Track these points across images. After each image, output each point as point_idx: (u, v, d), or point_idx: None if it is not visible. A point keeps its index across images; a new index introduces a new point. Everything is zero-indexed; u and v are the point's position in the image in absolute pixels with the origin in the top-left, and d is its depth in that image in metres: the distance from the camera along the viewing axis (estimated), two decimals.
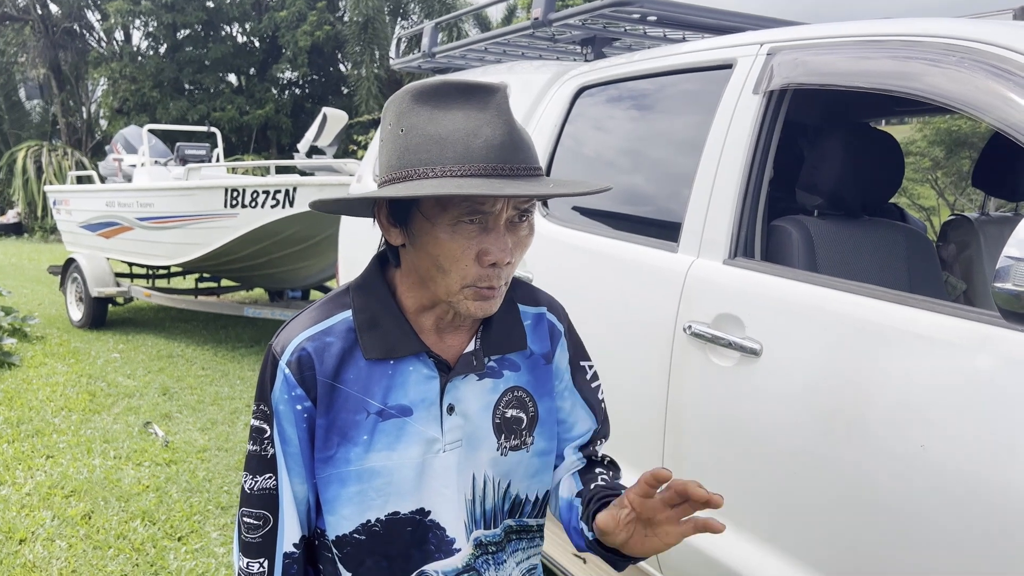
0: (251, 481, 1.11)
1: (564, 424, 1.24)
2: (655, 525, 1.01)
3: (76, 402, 5.10)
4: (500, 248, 0.99)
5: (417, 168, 0.97)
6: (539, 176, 1.01)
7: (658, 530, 1.01)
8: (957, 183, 10.09)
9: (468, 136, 0.96)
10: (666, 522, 1.00)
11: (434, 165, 0.96)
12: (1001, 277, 1.29)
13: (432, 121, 0.98)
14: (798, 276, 1.80)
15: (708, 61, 2.22)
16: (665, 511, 1.00)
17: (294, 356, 1.06)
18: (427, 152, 0.97)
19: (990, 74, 1.52)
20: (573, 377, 1.25)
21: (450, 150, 0.96)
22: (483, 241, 0.99)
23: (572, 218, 2.63)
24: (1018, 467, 1.32)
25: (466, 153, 0.96)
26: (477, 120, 0.97)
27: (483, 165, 0.95)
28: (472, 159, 0.95)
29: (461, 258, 0.99)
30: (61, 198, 8.49)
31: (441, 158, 0.96)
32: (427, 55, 3.78)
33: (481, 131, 0.96)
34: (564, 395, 1.24)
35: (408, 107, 1.00)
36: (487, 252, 0.99)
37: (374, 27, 19.15)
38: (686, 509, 0.99)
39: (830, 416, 1.63)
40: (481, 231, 0.99)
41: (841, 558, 1.62)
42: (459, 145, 0.96)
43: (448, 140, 0.96)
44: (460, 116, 0.97)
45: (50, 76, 20.81)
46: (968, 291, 2.53)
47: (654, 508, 1.00)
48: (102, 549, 3.16)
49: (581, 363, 1.26)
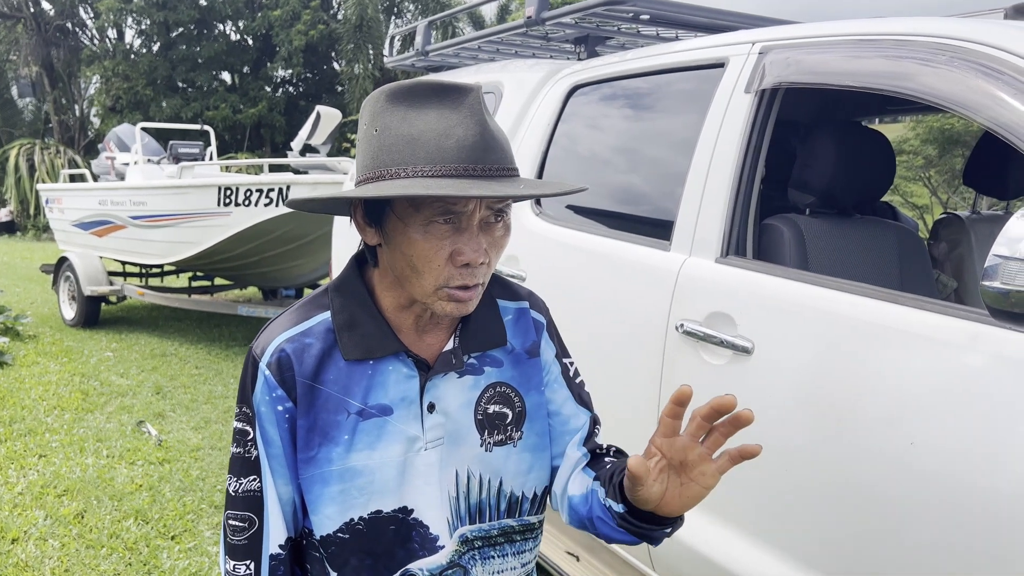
0: (235, 483, 1.11)
1: (559, 416, 1.22)
2: (689, 469, 0.97)
3: (69, 401, 5.09)
4: (473, 249, 0.99)
5: (389, 168, 0.97)
6: (513, 177, 1.00)
7: (693, 473, 0.97)
8: (950, 181, 10.12)
9: (440, 136, 0.96)
10: (699, 461, 0.96)
11: (406, 165, 0.96)
12: (989, 275, 1.30)
13: (405, 121, 0.98)
14: (790, 275, 1.81)
15: (700, 60, 2.23)
16: (695, 448, 0.95)
17: (274, 358, 1.06)
18: (399, 152, 0.97)
19: (981, 74, 1.52)
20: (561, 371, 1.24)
21: (422, 150, 0.96)
22: (456, 241, 0.99)
23: (565, 216, 2.63)
24: (1005, 464, 1.32)
25: (438, 153, 0.96)
26: (450, 120, 0.97)
27: (455, 165, 0.95)
28: (444, 159, 0.95)
29: (434, 258, 0.99)
30: (54, 196, 8.46)
31: (413, 158, 0.96)
32: (420, 53, 3.78)
33: (453, 131, 0.96)
34: (554, 387, 1.23)
35: (382, 107, 1.00)
36: (460, 252, 0.99)
37: (368, 26, 19.13)
38: (716, 441, 0.95)
39: (821, 414, 1.63)
40: (454, 231, 0.99)
41: (832, 554, 1.63)
42: (431, 145, 0.96)
43: (420, 140, 0.96)
44: (433, 116, 0.97)
45: (42, 74, 20.72)
46: (959, 289, 2.54)
47: (684, 448, 0.96)
48: (95, 548, 3.15)
49: (564, 360, 1.26)
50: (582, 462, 1.21)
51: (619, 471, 1.10)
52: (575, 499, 1.17)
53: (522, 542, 1.20)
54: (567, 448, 1.21)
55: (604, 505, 1.10)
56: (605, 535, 1.13)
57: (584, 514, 1.15)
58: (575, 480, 1.19)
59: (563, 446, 1.22)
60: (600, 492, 1.12)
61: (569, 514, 1.19)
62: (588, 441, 1.23)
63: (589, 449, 1.22)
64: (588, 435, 1.23)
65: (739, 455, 0.93)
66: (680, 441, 0.96)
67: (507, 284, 1.24)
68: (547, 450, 1.21)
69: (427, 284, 1.01)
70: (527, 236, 2.63)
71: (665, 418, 0.95)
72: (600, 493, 1.12)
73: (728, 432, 0.94)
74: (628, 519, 1.06)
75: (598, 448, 1.23)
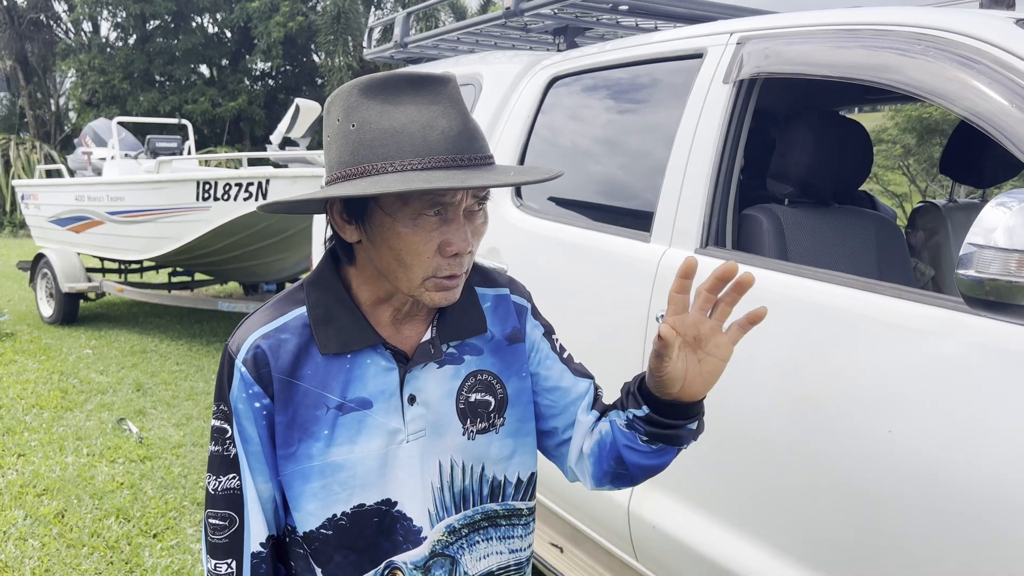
0: (215, 482, 1.10)
1: (559, 390, 1.22)
2: (703, 343, 1.01)
3: (48, 399, 5.04)
4: (461, 238, 1.00)
5: (375, 163, 0.96)
6: (493, 164, 1.01)
7: (708, 347, 1.01)
8: (928, 170, 10.21)
9: (425, 128, 0.96)
10: (712, 334, 1.00)
11: (393, 159, 0.95)
12: (964, 264, 1.30)
13: (384, 115, 0.97)
14: (768, 264, 1.81)
15: (679, 51, 2.22)
16: (705, 321, 1.00)
17: (249, 354, 1.06)
18: (384, 146, 0.96)
19: (958, 63, 1.53)
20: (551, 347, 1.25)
21: (408, 143, 0.95)
22: (444, 232, 0.99)
23: (546, 208, 2.63)
24: (981, 450, 1.34)
25: (425, 145, 0.95)
26: (431, 112, 0.97)
27: (443, 157, 0.95)
28: (431, 151, 0.95)
29: (423, 251, 0.99)
30: (30, 192, 8.35)
31: (400, 152, 0.95)
32: (400, 45, 3.76)
33: (437, 123, 0.96)
34: (547, 364, 1.23)
35: (356, 102, 0.99)
36: (449, 243, 0.99)
37: (347, 17, 18.99)
38: (723, 311, 0.99)
39: (800, 403, 1.64)
40: (442, 223, 0.99)
41: (812, 542, 1.64)
42: (416, 138, 0.95)
43: (404, 133, 0.96)
44: (413, 109, 0.97)
45: (17, 68, 20.42)
46: (936, 277, 2.56)
47: (695, 323, 1.00)
48: (76, 547, 3.12)
49: (551, 337, 1.26)
50: (592, 422, 1.21)
51: (635, 384, 1.12)
52: (595, 447, 1.18)
53: (508, 527, 1.19)
54: (577, 415, 1.22)
55: (627, 424, 1.12)
56: (634, 464, 1.14)
57: (607, 453, 1.16)
58: (590, 437, 1.20)
59: (571, 416, 1.22)
60: (619, 419, 1.14)
61: (593, 467, 1.19)
62: (596, 403, 1.23)
63: (599, 411, 1.22)
64: (595, 399, 1.24)
65: (747, 321, 0.98)
66: (690, 317, 1.00)
67: (485, 271, 1.24)
68: (530, 435, 1.21)
69: (415, 277, 1.01)
70: (508, 228, 2.62)
71: (673, 294, 0.99)
72: (619, 420, 1.14)
73: (733, 300, 0.99)
74: (654, 419, 1.08)
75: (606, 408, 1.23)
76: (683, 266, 0.97)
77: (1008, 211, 1.27)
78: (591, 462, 1.19)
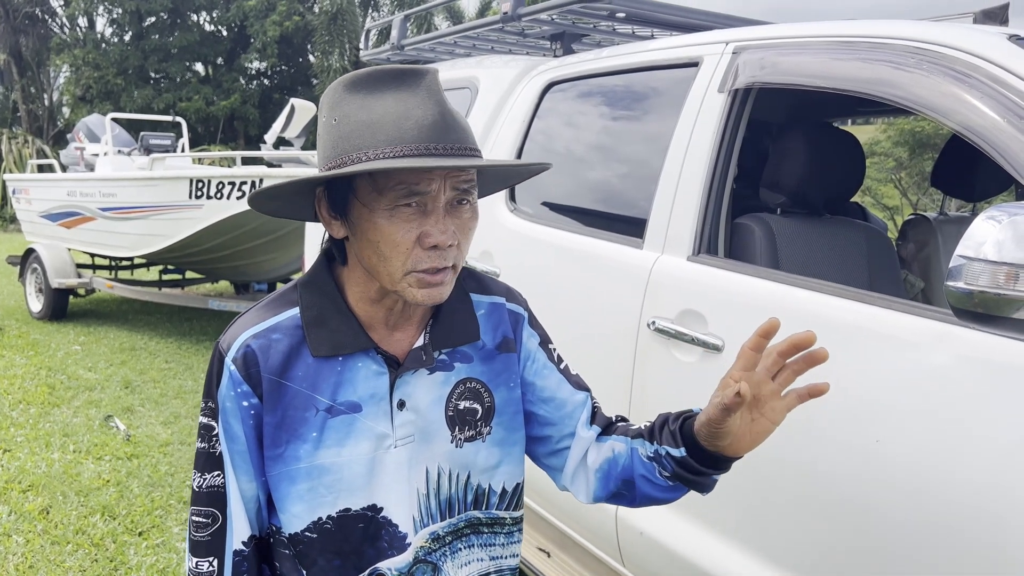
0: (199, 479, 1.10)
1: (554, 401, 1.22)
2: (760, 404, 1.00)
3: (35, 395, 5.01)
4: (440, 230, 0.99)
5: (351, 154, 0.97)
6: (475, 155, 1.01)
7: (764, 408, 1.00)
8: (920, 183, 10.27)
9: (399, 119, 0.96)
10: (770, 397, 1.00)
11: (367, 149, 0.96)
12: (954, 276, 1.32)
13: (364, 108, 0.98)
14: (760, 273, 1.82)
15: (675, 59, 2.23)
16: (768, 383, 0.99)
17: (240, 353, 1.06)
18: (359, 138, 0.97)
19: (951, 78, 1.55)
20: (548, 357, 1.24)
21: (382, 133, 0.96)
22: (423, 224, 0.99)
23: (539, 213, 2.64)
24: (968, 460, 1.35)
25: (398, 135, 0.96)
26: (408, 103, 0.97)
27: (415, 145, 0.95)
28: (404, 140, 0.95)
29: (401, 242, 0.98)
30: (21, 187, 8.31)
31: (374, 142, 0.96)
32: (396, 47, 3.76)
33: (412, 113, 0.96)
34: (544, 374, 1.22)
35: (340, 97, 1.00)
36: (428, 235, 0.99)
37: (344, 18, 18.99)
38: (787, 378, 0.99)
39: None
40: (420, 214, 0.99)
41: (799, 549, 1.65)
42: (390, 127, 0.96)
43: (379, 124, 0.96)
44: (391, 100, 0.97)
45: (10, 62, 20.33)
46: (926, 289, 2.58)
47: (759, 382, 0.99)
48: (60, 544, 3.10)
49: (548, 346, 1.26)
50: (593, 437, 1.21)
51: (673, 419, 1.12)
52: (605, 465, 1.18)
53: (490, 535, 1.19)
54: (577, 429, 1.22)
55: (652, 458, 1.12)
56: (644, 494, 1.14)
57: (618, 474, 1.16)
58: (593, 452, 1.20)
59: (570, 427, 1.22)
60: (643, 448, 1.13)
61: (598, 484, 1.19)
62: (596, 418, 1.23)
63: (600, 425, 1.22)
64: (594, 412, 1.24)
65: (807, 393, 0.98)
66: (756, 375, 0.99)
67: (481, 278, 1.24)
68: (517, 445, 1.21)
69: (395, 270, 1.00)
70: (501, 232, 2.63)
71: (747, 351, 0.99)
72: (643, 450, 1.13)
73: (800, 369, 0.98)
74: (688, 464, 1.08)
75: (607, 422, 1.24)
76: (765, 325, 0.96)
77: (997, 224, 1.28)
78: (597, 478, 1.19)
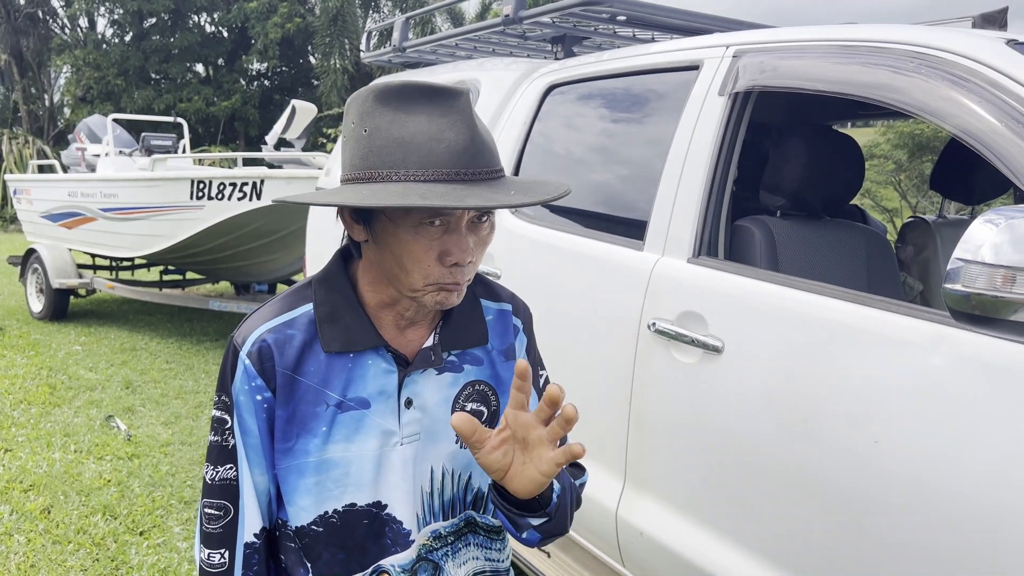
0: (212, 471, 1.12)
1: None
2: (529, 449, 1.00)
3: (36, 395, 5.02)
4: (462, 249, 1.01)
5: (380, 171, 0.98)
6: (501, 178, 1.02)
7: (532, 454, 1.00)
8: (919, 186, 10.29)
9: (431, 140, 0.97)
10: (538, 444, 0.99)
11: (397, 168, 0.97)
12: (951, 278, 1.33)
13: (395, 123, 0.99)
14: (760, 275, 1.83)
15: (675, 62, 2.25)
16: (536, 428, 0.99)
17: (255, 347, 1.07)
18: (390, 155, 0.98)
19: (950, 82, 1.56)
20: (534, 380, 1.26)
21: (414, 154, 0.97)
22: (446, 242, 1.01)
23: (540, 215, 2.65)
24: (964, 461, 1.36)
25: (429, 158, 0.97)
26: (440, 124, 0.98)
27: (446, 170, 0.97)
28: (435, 164, 0.97)
29: (423, 258, 1.01)
30: (22, 187, 8.31)
31: (405, 162, 0.97)
32: (397, 49, 3.77)
33: (444, 135, 0.98)
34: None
35: (371, 107, 1.01)
36: (449, 253, 1.01)
37: (345, 20, 19.01)
38: (554, 431, 0.97)
39: (789, 412, 1.66)
40: (443, 232, 1.01)
41: (798, 550, 1.66)
42: (423, 149, 0.97)
43: (412, 144, 0.97)
44: (423, 119, 0.98)
45: (11, 62, 20.34)
46: (925, 291, 2.59)
47: (526, 424, 0.99)
48: (61, 544, 3.11)
49: (540, 371, 1.28)
50: None
51: None
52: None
53: (486, 538, 1.21)
54: None
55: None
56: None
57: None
58: None
59: None
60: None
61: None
62: None
63: None
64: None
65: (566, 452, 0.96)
66: (524, 417, 0.99)
67: (490, 285, 1.25)
68: None
69: (416, 282, 1.03)
70: (502, 234, 2.64)
71: (512, 390, 0.98)
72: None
73: (562, 424, 0.96)
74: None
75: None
76: (522, 367, 0.96)
77: (995, 228, 1.29)
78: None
